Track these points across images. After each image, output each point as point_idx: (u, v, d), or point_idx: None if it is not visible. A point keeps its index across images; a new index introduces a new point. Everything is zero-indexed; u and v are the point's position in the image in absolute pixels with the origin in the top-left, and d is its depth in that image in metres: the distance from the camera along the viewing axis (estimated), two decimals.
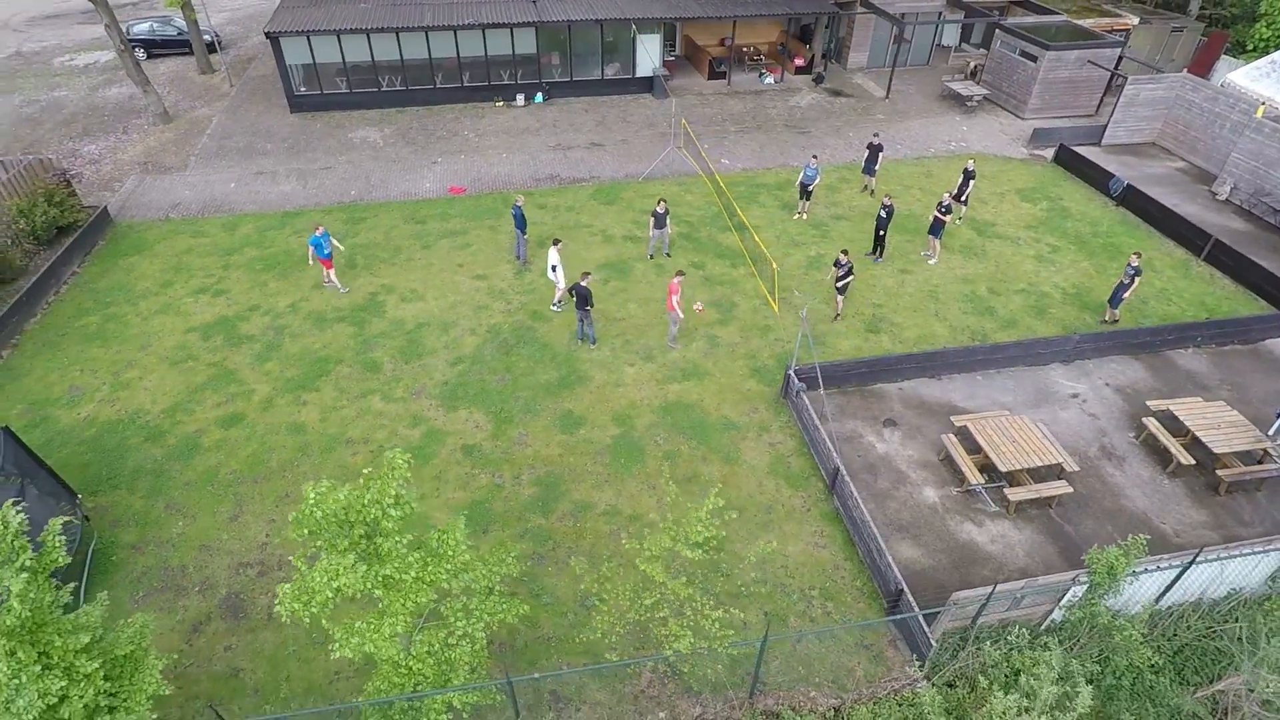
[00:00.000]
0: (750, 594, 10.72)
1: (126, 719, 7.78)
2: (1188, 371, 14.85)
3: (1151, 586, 9.67)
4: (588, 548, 11.24)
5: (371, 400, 13.89)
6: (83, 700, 7.48)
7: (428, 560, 7.16)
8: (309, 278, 17.16)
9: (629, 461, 12.72)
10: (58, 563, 7.15)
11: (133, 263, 17.59)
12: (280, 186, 21.01)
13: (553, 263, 15.46)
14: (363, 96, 25.02)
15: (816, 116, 25.61)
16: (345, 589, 6.69)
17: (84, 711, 7.57)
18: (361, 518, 6.85)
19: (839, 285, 15.41)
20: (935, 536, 11.53)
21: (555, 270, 15.50)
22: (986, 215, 20.03)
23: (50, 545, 7.16)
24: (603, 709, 9.38)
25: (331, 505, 6.61)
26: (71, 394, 13.87)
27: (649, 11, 25.32)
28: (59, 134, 23.56)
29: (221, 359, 14.78)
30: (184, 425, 13.27)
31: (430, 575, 7.08)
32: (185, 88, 27.03)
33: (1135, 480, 12.49)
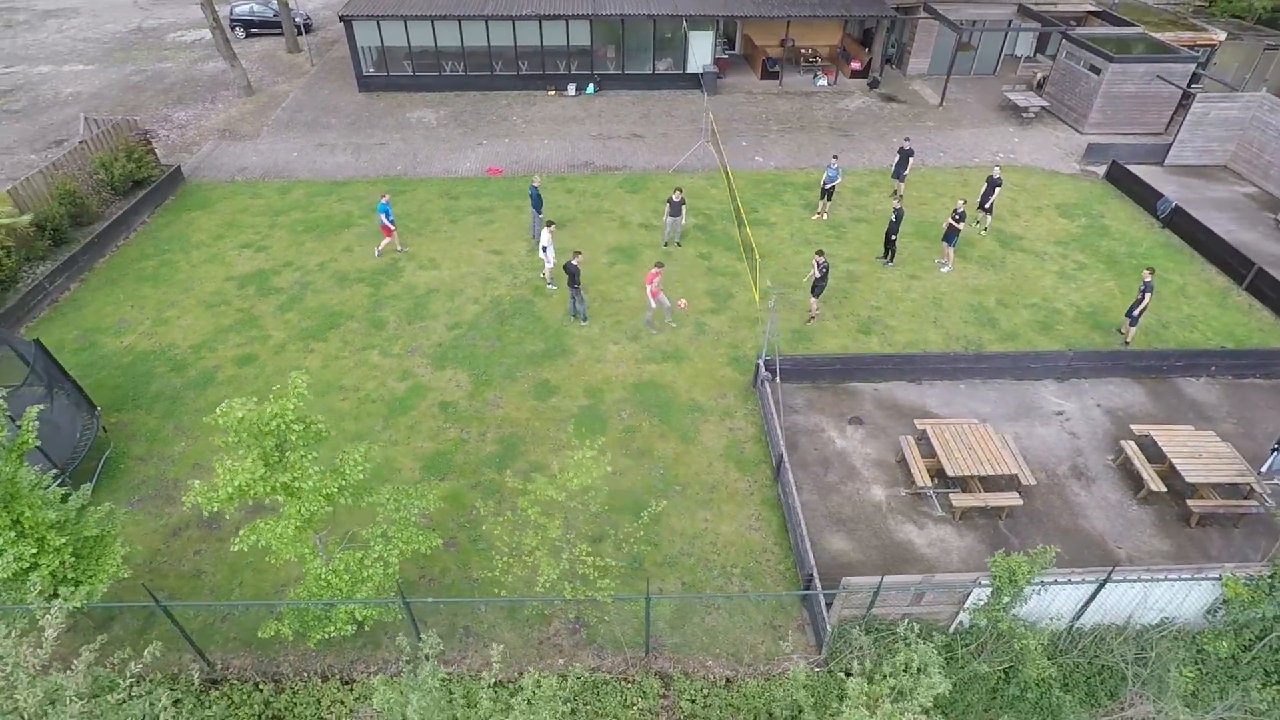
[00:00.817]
0: (674, 564, 11.10)
1: (90, 588, 8.99)
2: (1193, 401, 14.09)
3: (1065, 601, 9.44)
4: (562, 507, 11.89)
5: (370, 354, 15.02)
6: (50, 569, 8.73)
7: (325, 474, 8.00)
8: (341, 240, 18.60)
9: (589, 431, 13.22)
10: (29, 445, 8.39)
11: (194, 217, 19.52)
12: (336, 158, 22.69)
13: (544, 243, 16.18)
14: (425, 79, 26.57)
15: (863, 120, 25.33)
16: (246, 489, 7.61)
17: (51, 579, 8.83)
18: (272, 429, 7.75)
19: (813, 287, 15.37)
20: (872, 533, 11.54)
21: (545, 251, 16.21)
22: (1016, 228, 19.41)
23: (25, 430, 8.42)
24: (509, 648, 9.99)
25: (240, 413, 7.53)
26: (119, 325, 15.66)
27: (702, 9, 25.72)
28: (157, 100, 26.22)
29: (249, 306, 16.29)
30: (205, 360, 14.77)
31: (324, 487, 7.91)
32: (272, 65, 29.43)
33: (1100, 502, 12.05)
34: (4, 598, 8.67)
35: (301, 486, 7.82)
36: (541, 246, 16.40)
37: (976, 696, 9.49)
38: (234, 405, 7.60)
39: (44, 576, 8.75)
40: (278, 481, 7.77)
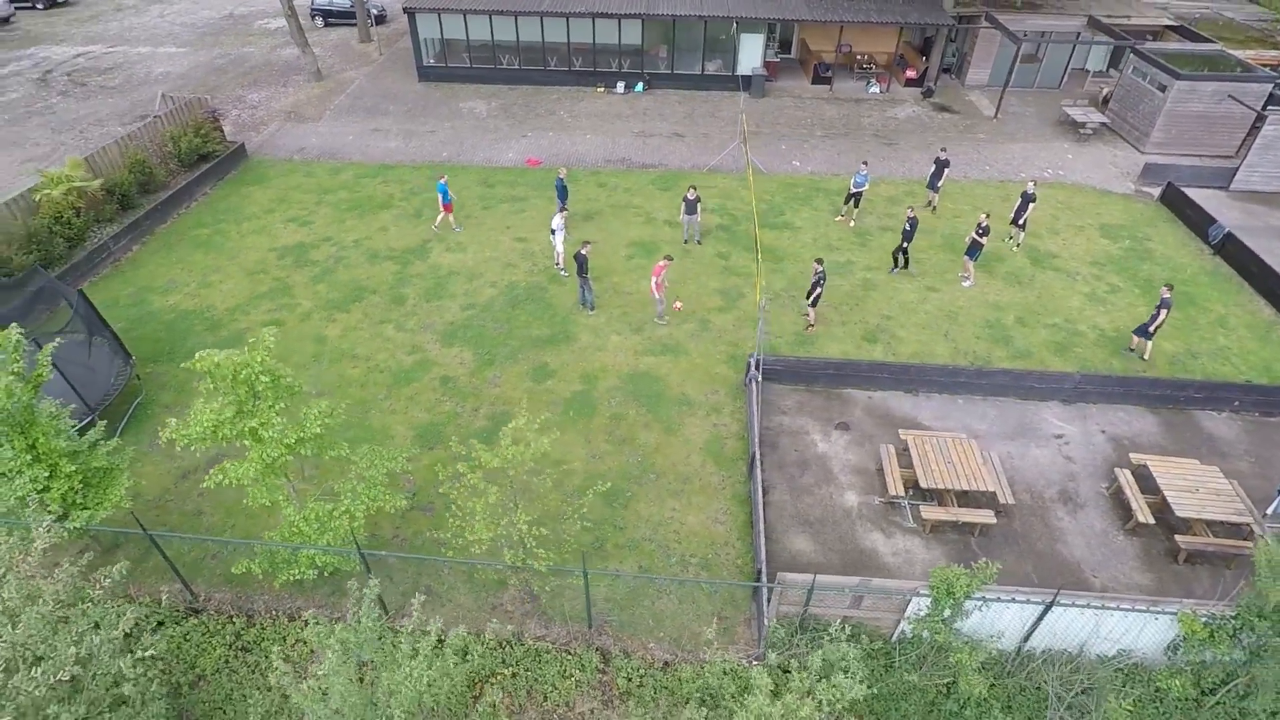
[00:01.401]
0: (635, 547, 11.38)
1: (93, 513, 9.97)
2: (1210, 435, 13.39)
3: (1012, 621, 9.24)
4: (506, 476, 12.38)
5: (386, 327, 15.84)
6: (60, 492, 9.74)
7: (288, 425, 8.67)
8: (379, 220, 19.61)
9: (577, 415, 13.69)
10: (43, 378, 9.39)
11: (250, 191, 20.94)
12: (388, 143, 23.84)
13: (554, 226, 16.65)
14: (480, 72, 27.56)
15: (911, 130, 24.85)
16: (215, 429, 8.35)
17: (61, 501, 9.84)
18: (243, 379, 8.47)
19: (809, 294, 15.27)
20: (837, 537, 11.52)
21: (555, 234, 16.66)
22: (1052, 245, 18.75)
23: (41, 364, 9.42)
24: (462, 610, 10.51)
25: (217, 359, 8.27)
26: (168, 285, 17.02)
27: (754, 11, 25.75)
28: (235, 82, 28.11)
29: (285, 276, 17.40)
30: (238, 322, 15.90)
31: (285, 436, 8.58)
32: (344, 53, 31.07)
33: (1083, 529, 11.65)
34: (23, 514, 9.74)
35: (265, 434, 8.51)
36: (552, 230, 16.89)
37: (913, 708, 9.42)
38: (210, 354, 8.34)
39: (55, 499, 9.79)
40: (245, 426, 8.48)
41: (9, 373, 8.92)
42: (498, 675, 9.88)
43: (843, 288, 17.13)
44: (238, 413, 8.58)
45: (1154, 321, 14.23)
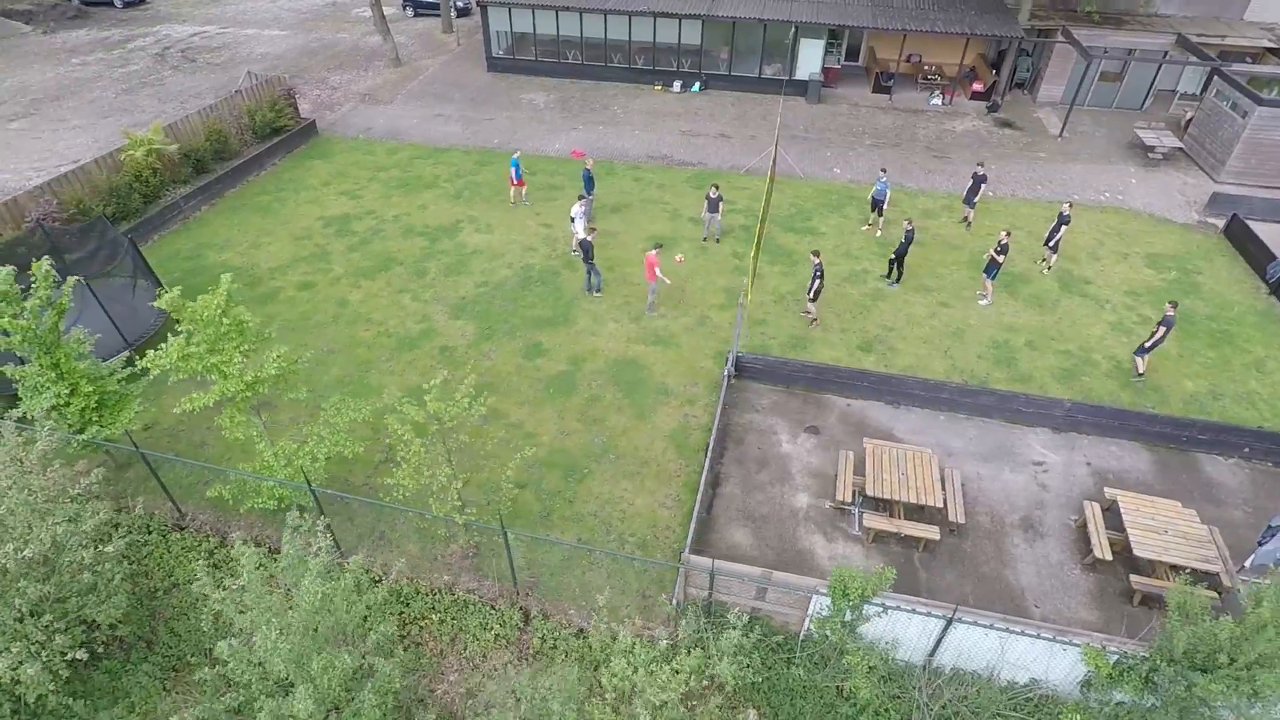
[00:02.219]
0: (579, 520, 11.85)
1: (104, 430, 11.33)
2: (1209, 480, 12.59)
3: (917, 633, 9.14)
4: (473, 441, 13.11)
5: (403, 297, 16.92)
6: (78, 408, 11.15)
7: (246, 367, 9.67)
8: (421, 198, 20.83)
9: (556, 393, 14.28)
10: (65, 306, 10.76)
11: (313, 164, 22.66)
12: (447, 127, 25.19)
13: (573, 214, 17.25)
14: (545, 65, 28.60)
15: (966, 144, 24.07)
16: (183, 361, 9.44)
17: (79, 418, 11.26)
18: (211, 319, 9.53)
19: (810, 290, 15.28)
20: (777, 535, 11.61)
21: (574, 221, 17.26)
22: (1088, 271, 17.88)
23: (64, 294, 10.82)
24: (410, 557, 11.28)
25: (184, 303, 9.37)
26: (223, 243, 18.76)
27: (816, 16, 25.57)
28: (323, 64, 30.31)
29: (325, 243, 18.83)
30: (274, 281, 17.38)
31: (245, 374, 9.59)
32: (425, 42, 32.88)
33: (1038, 559, 11.26)
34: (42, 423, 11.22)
35: (226, 370, 9.54)
36: (571, 216, 17.52)
37: (810, 707, 9.48)
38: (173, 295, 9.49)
39: (74, 413, 11.22)
40: (210, 362, 9.53)
41: (36, 299, 10.32)
42: (427, 619, 10.61)
43: (851, 295, 16.98)
44: (210, 350, 9.66)
45: (1152, 339, 13.57)
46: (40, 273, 10.46)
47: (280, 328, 15.80)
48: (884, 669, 9.44)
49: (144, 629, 10.53)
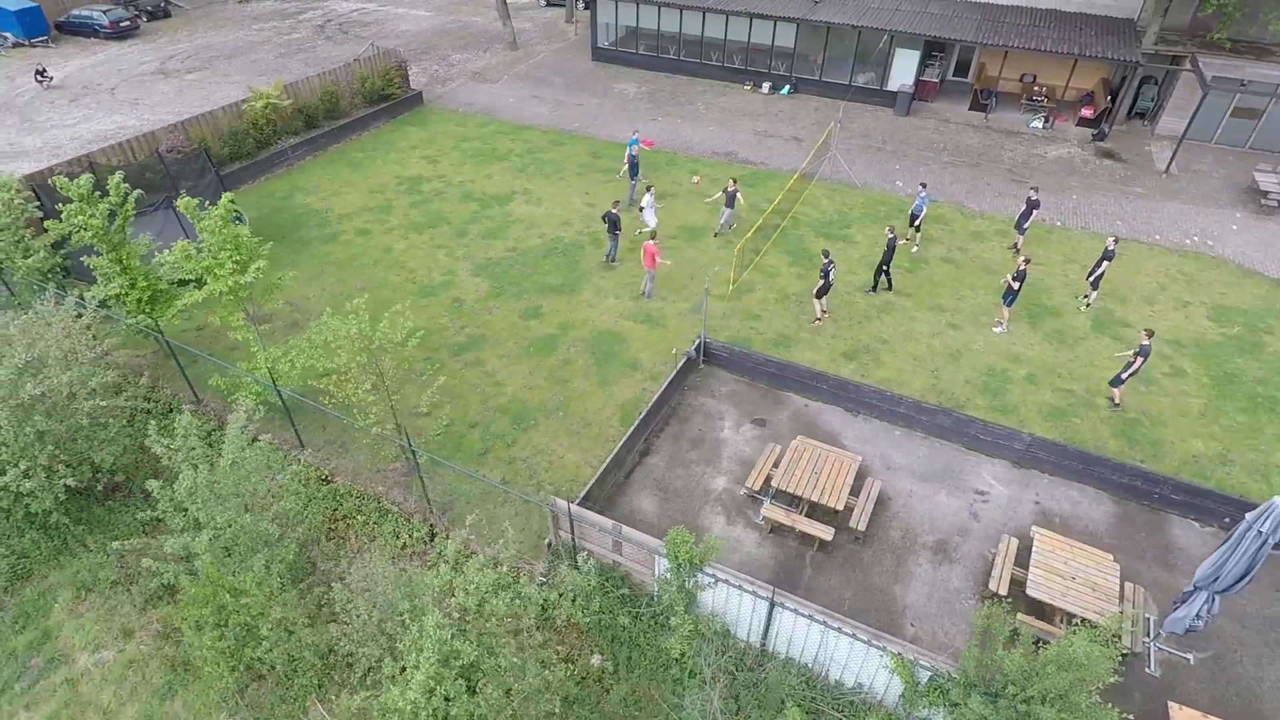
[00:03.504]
0: (510, 462, 12.87)
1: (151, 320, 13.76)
2: (1172, 544, 11.54)
3: (747, 613, 9.35)
4: (450, 383, 14.47)
5: (439, 252, 18.69)
6: (134, 299, 13.62)
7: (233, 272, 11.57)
8: (488, 169, 22.63)
9: (536, 352, 15.36)
10: (129, 213, 13.15)
11: (409, 130, 25.17)
12: (536, 108, 26.97)
13: (643, 204, 18.13)
14: (644, 58, 29.71)
15: (1053, 171, 22.53)
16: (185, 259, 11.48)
17: (135, 306, 13.73)
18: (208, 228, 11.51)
19: (816, 289, 15.32)
20: (681, 509, 12.03)
21: (644, 211, 18.08)
22: (1133, 314, 16.48)
23: (129, 203, 13.24)
24: (358, 466, 12.82)
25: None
26: (311, 189, 21.48)
27: (914, 26, 24.83)
28: (449, 44, 33.19)
29: (393, 199, 21.04)
30: (338, 225, 19.74)
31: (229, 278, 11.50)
32: (546, 30, 35.01)
33: (935, 582, 10.94)
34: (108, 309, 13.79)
35: (217, 272, 11.47)
36: (640, 207, 18.44)
37: (646, 661, 9.95)
38: (190, 202, 11.51)
39: (130, 303, 13.71)
40: (204, 264, 11.51)
41: (108, 203, 12.76)
42: (353, 519, 12.08)
43: (858, 305, 16.76)
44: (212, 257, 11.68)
45: (1127, 369, 12.68)
46: (113, 183, 12.94)
47: (328, 264, 18.08)
48: (721, 643, 9.75)
49: (139, 485, 12.76)
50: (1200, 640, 10.22)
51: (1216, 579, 8.87)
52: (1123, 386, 13.66)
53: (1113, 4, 25.24)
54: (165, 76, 29.42)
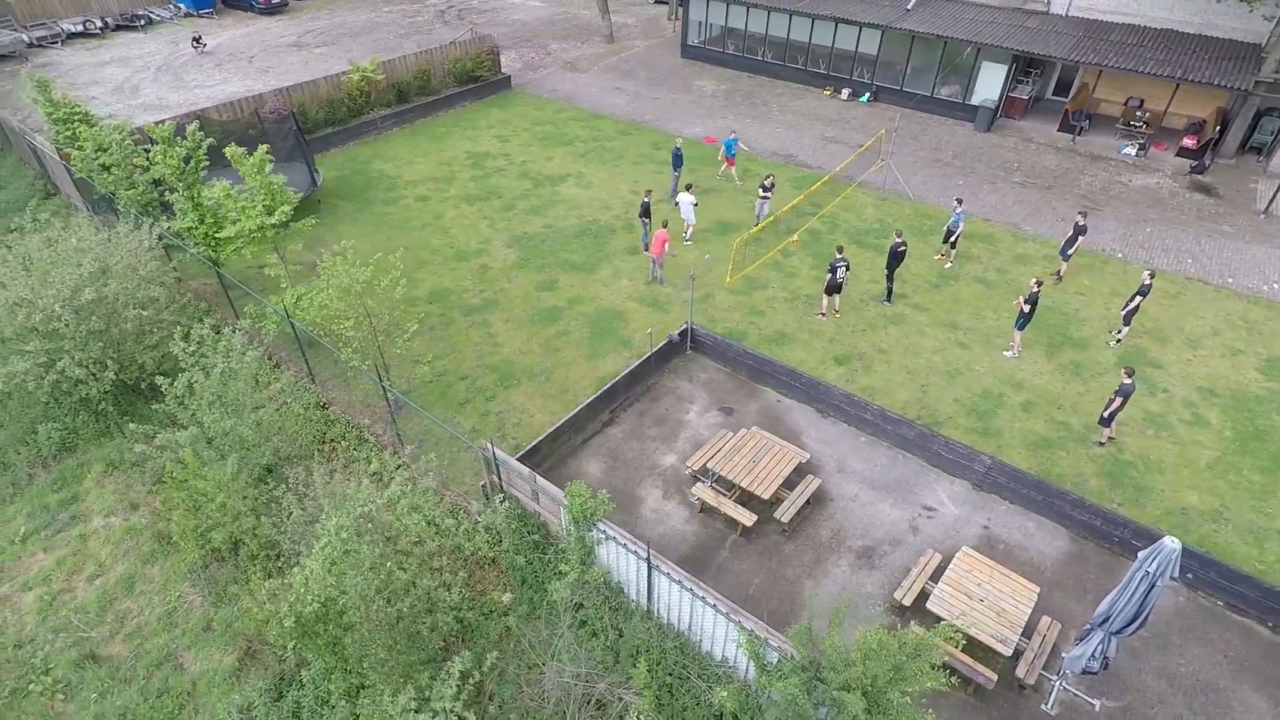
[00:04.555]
0: (483, 414, 13.85)
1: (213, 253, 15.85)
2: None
3: (634, 573, 9.80)
4: (454, 336, 15.69)
5: (482, 222, 20.04)
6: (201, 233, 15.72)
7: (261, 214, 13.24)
8: (551, 151, 23.84)
9: (538, 321, 16.31)
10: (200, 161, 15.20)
11: (491, 111, 26.86)
12: (614, 99, 27.98)
13: (678, 200, 18.59)
14: (730, 58, 30.04)
15: (1133, 202, 20.98)
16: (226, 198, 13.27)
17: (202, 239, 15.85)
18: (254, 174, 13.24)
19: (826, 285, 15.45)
20: (624, 479, 12.58)
21: (681, 208, 18.51)
22: (1169, 355, 15.33)
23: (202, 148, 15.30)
24: (354, 400, 14.25)
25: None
26: (389, 156, 23.50)
27: (1003, 40, 23.76)
28: (552, 33, 34.84)
29: (456, 171, 22.68)
30: (402, 191, 21.54)
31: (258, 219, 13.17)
32: (647, 26, 35.96)
33: (848, 584, 10.91)
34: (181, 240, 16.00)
35: (249, 212, 13.19)
36: (676, 202, 19.01)
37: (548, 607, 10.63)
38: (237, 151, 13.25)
39: (199, 236, 15.86)
40: (240, 204, 13.27)
41: (186, 147, 14.87)
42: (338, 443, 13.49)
43: (868, 313, 16.56)
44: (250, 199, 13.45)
45: (1109, 408, 12.03)
46: (190, 131, 15.05)
47: (383, 223, 19.86)
48: (614, 600, 10.29)
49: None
50: (1116, 687, 9.71)
51: (1108, 619, 8.45)
52: (1113, 426, 12.89)
53: (1239, 26, 23.03)
54: (298, 49, 32.82)
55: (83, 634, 10.57)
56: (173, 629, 10.67)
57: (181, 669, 10.23)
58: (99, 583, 11.31)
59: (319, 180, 20.53)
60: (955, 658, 9.50)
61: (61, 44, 33.34)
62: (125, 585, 11.27)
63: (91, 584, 11.30)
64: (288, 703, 9.56)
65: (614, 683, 9.49)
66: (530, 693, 9.71)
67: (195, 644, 10.48)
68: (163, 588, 11.21)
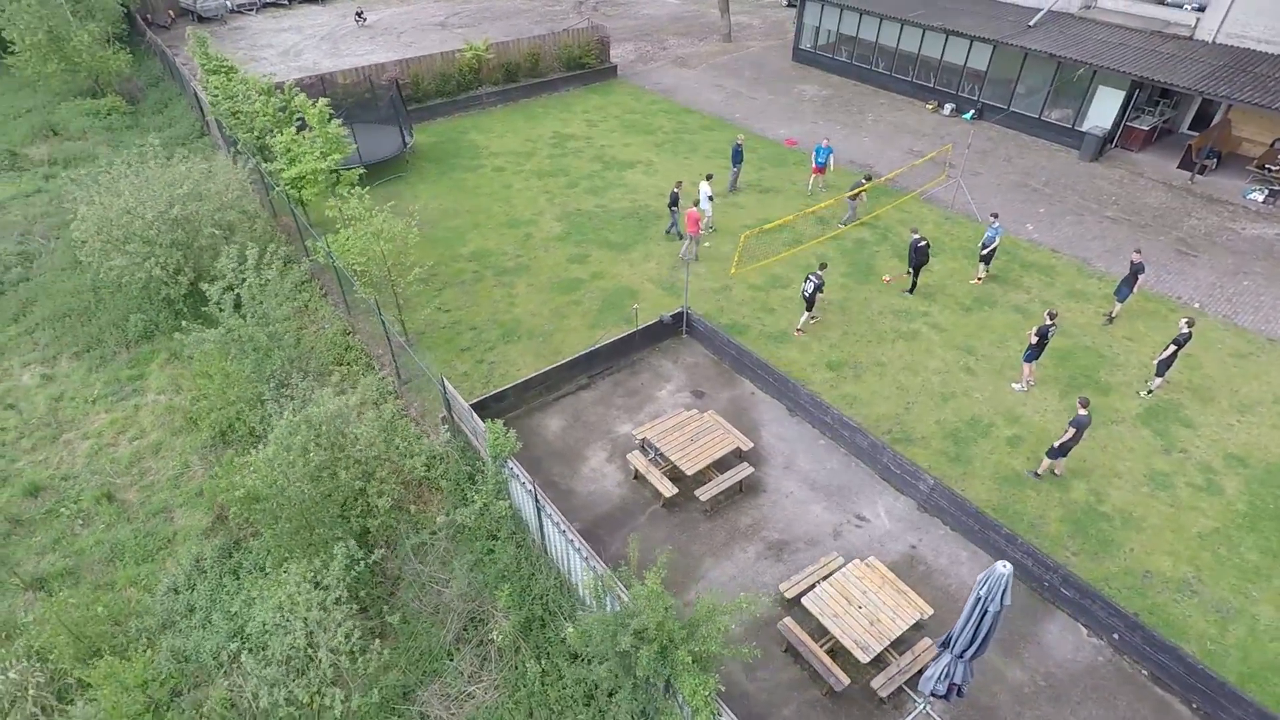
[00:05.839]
0: (478, 361, 15.11)
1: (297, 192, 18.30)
2: (1032, 634, 10.28)
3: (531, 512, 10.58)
4: (480, 293, 17.08)
5: (542, 197, 21.39)
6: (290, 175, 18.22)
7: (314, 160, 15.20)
8: (633, 139, 24.82)
9: (557, 290, 17.37)
10: (293, 110, 17.57)
11: (591, 97, 28.24)
12: (710, 95, 28.48)
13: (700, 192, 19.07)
14: (839, 64, 29.58)
15: (1241, 251, 18.76)
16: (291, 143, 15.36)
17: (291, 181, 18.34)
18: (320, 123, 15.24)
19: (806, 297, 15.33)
20: (578, 438, 13.36)
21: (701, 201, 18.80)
22: (1208, 416, 13.90)
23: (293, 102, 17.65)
24: (375, 332, 16.00)
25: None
26: (486, 130, 25.45)
27: (1125, 65, 21.85)
28: (674, 29, 35.75)
29: (537, 148, 24.20)
30: (483, 161, 23.35)
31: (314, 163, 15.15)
32: (770, 28, 35.94)
33: (747, 572, 11.08)
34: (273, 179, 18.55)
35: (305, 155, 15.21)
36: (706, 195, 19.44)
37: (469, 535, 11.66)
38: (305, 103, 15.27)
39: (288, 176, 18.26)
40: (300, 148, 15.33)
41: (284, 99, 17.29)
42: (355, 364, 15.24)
43: (883, 328, 16.20)
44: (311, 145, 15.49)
45: (1060, 440, 11.51)
46: (287, 87, 17.45)
47: (457, 188, 21.72)
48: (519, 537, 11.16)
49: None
50: None
51: (950, 641, 8.22)
52: (1063, 460, 12.10)
53: None
54: (442, 29, 35.97)
55: (110, 479, 12.91)
56: (175, 489, 12.76)
57: (170, 521, 12.27)
58: (135, 444, 13.68)
59: (409, 142, 22.78)
60: (816, 655, 9.54)
61: (256, 11, 38.63)
62: (153, 449, 13.57)
63: (130, 443, 13.70)
64: (232, 562, 11.27)
65: (485, 602, 10.37)
66: (425, 600, 10.80)
67: (186, 504, 12.49)
68: (179, 456, 13.39)
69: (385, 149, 22.08)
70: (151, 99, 27.93)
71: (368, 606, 10.73)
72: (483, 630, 10.38)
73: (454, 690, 9.96)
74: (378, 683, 9.67)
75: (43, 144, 24.41)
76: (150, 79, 29.65)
